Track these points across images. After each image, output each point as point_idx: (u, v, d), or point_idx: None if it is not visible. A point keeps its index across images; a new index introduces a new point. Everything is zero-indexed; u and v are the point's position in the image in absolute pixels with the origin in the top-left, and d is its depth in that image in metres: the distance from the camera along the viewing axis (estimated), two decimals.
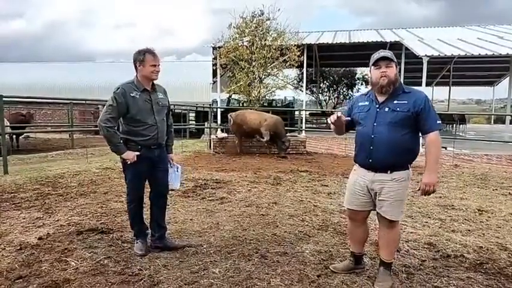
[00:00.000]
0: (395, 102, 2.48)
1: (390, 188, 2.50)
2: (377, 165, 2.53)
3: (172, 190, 3.73)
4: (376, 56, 2.53)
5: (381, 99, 2.54)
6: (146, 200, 3.23)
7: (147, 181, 3.16)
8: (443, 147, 12.02)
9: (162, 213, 3.25)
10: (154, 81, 3.08)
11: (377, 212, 2.62)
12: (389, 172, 2.50)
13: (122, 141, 2.92)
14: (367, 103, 2.62)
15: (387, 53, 2.54)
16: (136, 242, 3.13)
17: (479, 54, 13.24)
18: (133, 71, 3.04)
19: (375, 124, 2.52)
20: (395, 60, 2.53)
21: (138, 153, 2.95)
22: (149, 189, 3.22)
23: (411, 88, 2.59)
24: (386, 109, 2.50)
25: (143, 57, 2.94)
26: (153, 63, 2.95)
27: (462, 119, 18.85)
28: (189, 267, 2.82)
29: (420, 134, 2.55)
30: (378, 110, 2.53)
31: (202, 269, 2.79)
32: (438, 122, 2.47)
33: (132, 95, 2.91)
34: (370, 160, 2.55)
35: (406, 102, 2.46)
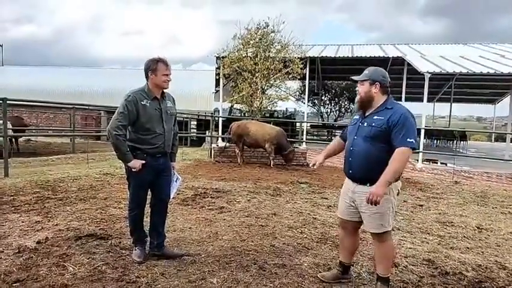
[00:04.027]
0: (374, 117, 2.58)
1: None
2: (355, 175, 2.65)
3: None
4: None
5: (366, 114, 2.66)
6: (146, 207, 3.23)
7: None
8: (443, 163, 12.04)
9: (163, 221, 3.25)
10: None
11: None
12: (368, 185, 2.54)
13: (129, 150, 2.92)
14: (357, 117, 2.76)
15: (365, 72, 2.67)
16: (135, 249, 3.13)
17: (481, 72, 13.28)
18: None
19: (355, 137, 2.65)
20: (371, 78, 2.62)
21: (143, 161, 2.95)
22: (150, 197, 3.22)
23: (397, 104, 2.62)
24: (365, 124, 2.61)
25: (156, 66, 2.94)
26: (165, 73, 2.96)
27: (463, 136, 18.87)
28: (187, 276, 2.81)
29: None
30: (360, 124, 2.66)
31: (200, 279, 2.79)
32: (410, 140, 2.43)
33: (142, 103, 2.92)
34: (350, 171, 2.67)
35: (382, 118, 2.54)
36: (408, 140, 2.43)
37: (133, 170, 2.94)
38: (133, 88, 3.01)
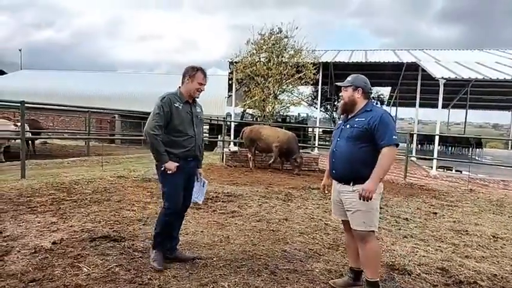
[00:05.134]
0: (356, 119, 2.70)
1: (351, 198, 2.65)
2: (338, 176, 2.76)
3: (195, 203, 3.63)
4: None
5: (349, 117, 2.78)
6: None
7: None
8: (458, 171, 11.87)
9: (179, 225, 3.29)
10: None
11: None
12: (351, 184, 2.65)
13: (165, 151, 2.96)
14: (340, 121, 2.89)
15: (348, 79, 2.80)
16: (154, 253, 3.07)
17: (497, 78, 13.08)
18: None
19: (338, 139, 2.76)
20: (353, 84, 2.75)
21: (178, 164, 2.97)
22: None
23: (375, 107, 2.78)
24: (348, 126, 2.73)
25: (195, 73, 3.03)
26: (201, 81, 3.05)
27: (478, 143, 18.57)
28: (199, 280, 2.83)
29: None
30: (342, 127, 2.78)
31: (211, 282, 2.80)
32: (395, 137, 2.57)
33: (176, 105, 2.99)
34: (334, 171, 2.79)
35: (363, 119, 2.65)
36: (393, 137, 2.56)
37: (168, 171, 2.96)
38: (169, 91, 3.09)
